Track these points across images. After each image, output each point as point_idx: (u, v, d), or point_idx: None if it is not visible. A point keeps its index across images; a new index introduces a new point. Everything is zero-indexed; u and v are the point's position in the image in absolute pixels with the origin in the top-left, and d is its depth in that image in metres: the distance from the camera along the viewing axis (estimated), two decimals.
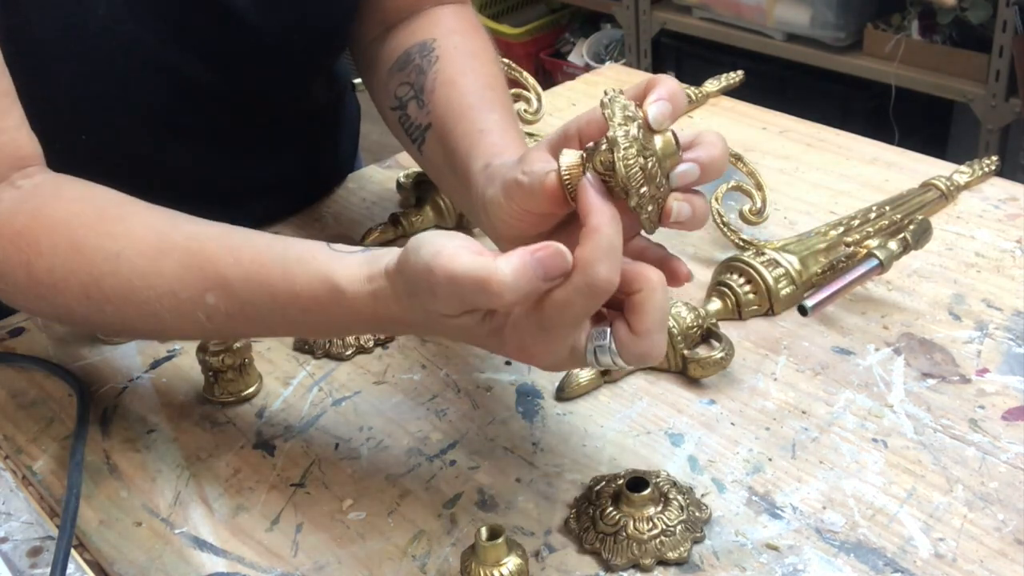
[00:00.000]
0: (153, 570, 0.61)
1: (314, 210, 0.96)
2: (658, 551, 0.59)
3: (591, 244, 0.51)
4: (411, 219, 0.91)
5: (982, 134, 2.22)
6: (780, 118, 1.09)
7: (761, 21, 2.47)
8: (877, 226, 0.83)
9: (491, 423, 0.70)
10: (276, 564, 0.61)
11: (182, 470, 0.68)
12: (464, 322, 0.54)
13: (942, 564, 0.58)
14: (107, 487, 0.67)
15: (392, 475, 0.66)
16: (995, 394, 0.70)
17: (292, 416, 0.72)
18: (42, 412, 0.74)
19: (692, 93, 1.10)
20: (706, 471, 0.65)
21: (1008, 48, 2.11)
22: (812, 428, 0.68)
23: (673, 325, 0.72)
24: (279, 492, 0.66)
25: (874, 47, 2.34)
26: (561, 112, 1.11)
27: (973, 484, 0.63)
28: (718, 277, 0.80)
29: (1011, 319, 0.77)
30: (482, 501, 0.64)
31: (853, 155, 1.00)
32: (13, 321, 0.83)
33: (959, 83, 2.22)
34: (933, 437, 0.67)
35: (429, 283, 0.52)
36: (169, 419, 0.72)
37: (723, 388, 0.72)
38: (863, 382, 0.72)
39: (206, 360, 0.71)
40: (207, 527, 0.63)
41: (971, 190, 0.93)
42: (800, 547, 0.59)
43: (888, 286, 0.81)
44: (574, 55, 3.15)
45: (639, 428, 0.69)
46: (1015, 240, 0.86)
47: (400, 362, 0.76)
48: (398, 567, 0.60)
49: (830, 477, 0.64)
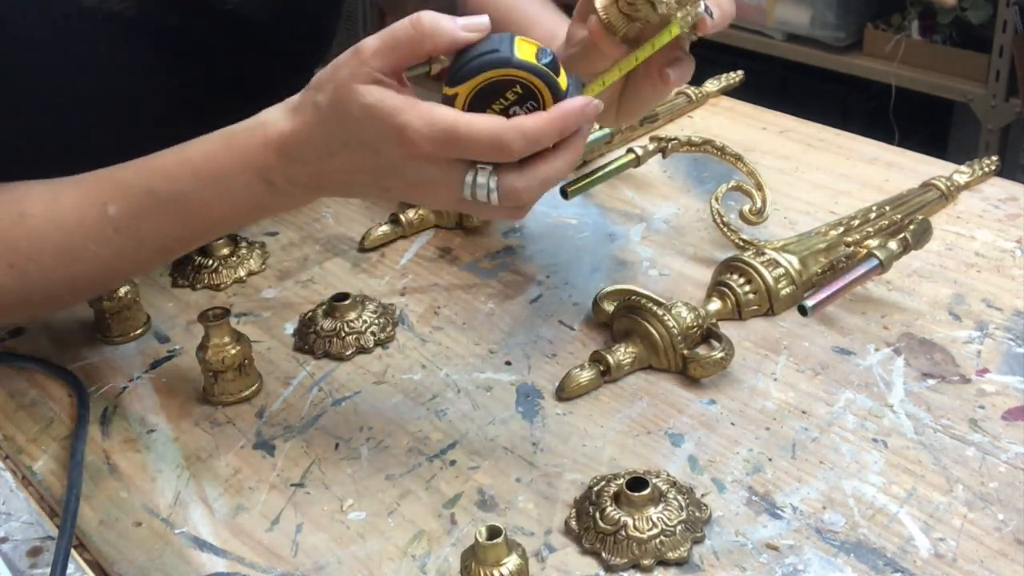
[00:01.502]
0: (153, 570, 0.61)
1: (314, 210, 0.96)
2: (658, 551, 0.59)
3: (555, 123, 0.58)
4: (411, 219, 0.91)
5: (982, 134, 2.22)
6: (780, 118, 1.09)
7: (761, 21, 2.47)
8: (877, 226, 0.83)
9: (491, 423, 0.70)
10: (276, 564, 0.61)
11: (182, 470, 0.68)
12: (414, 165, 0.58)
13: (942, 564, 0.58)
14: (107, 487, 0.67)
15: (392, 475, 0.66)
16: (995, 394, 0.70)
17: (292, 416, 0.72)
18: (42, 412, 0.74)
19: (692, 93, 1.10)
20: (706, 471, 0.65)
21: (1008, 48, 2.11)
22: (812, 428, 0.68)
23: (673, 325, 0.72)
24: (279, 492, 0.66)
25: (874, 47, 2.34)
26: None
27: (973, 484, 0.63)
28: (718, 277, 0.80)
29: (1011, 319, 0.77)
30: (482, 501, 0.64)
31: (853, 155, 1.00)
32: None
33: (959, 83, 2.22)
34: (933, 437, 0.67)
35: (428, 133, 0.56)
36: (169, 419, 0.72)
37: (723, 388, 0.72)
38: (863, 382, 0.72)
39: (206, 360, 0.71)
40: (207, 527, 0.63)
41: (971, 190, 0.93)
42: (800, 547, 0.59)
43: (888, 286, 0.81)
44: None
45: (639, 428, 0.69)
46: (1015, 240, 0.86)
47: (400, 362, 0.76)
48: (398, 567, 0.60)
49: (830, 477, 0.64)
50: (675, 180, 0.99)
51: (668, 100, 1.09)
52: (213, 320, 0.71)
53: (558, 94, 0.58)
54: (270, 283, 0.87)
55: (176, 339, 0.80)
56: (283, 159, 0.61)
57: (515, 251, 0.89)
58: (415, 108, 0.57)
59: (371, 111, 0.57)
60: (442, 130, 0.57)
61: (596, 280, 0.84)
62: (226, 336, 0.71)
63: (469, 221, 0.91)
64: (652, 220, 0.92)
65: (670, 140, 0.89)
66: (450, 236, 0.92)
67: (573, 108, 0.58)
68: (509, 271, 0.86)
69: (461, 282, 0.85)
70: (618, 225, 0.92)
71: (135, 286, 0.80)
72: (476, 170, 0.59)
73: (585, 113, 0.59)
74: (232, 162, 0.62)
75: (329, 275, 0.87)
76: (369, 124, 0.58)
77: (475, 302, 0.83)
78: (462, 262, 0.88)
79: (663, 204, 0.95)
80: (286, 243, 0.92)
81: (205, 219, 0.65)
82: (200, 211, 0.65)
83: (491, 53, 0.57)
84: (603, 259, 0.87)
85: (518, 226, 0.92)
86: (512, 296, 0.83)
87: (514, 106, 0.58)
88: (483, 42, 0.58)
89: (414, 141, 0.57)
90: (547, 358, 0.76)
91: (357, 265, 0.89)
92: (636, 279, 0.84)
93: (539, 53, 0.58)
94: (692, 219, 0.92)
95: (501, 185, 0.59)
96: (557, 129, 0.58)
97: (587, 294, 0.81)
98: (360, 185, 0.62)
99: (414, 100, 0.58)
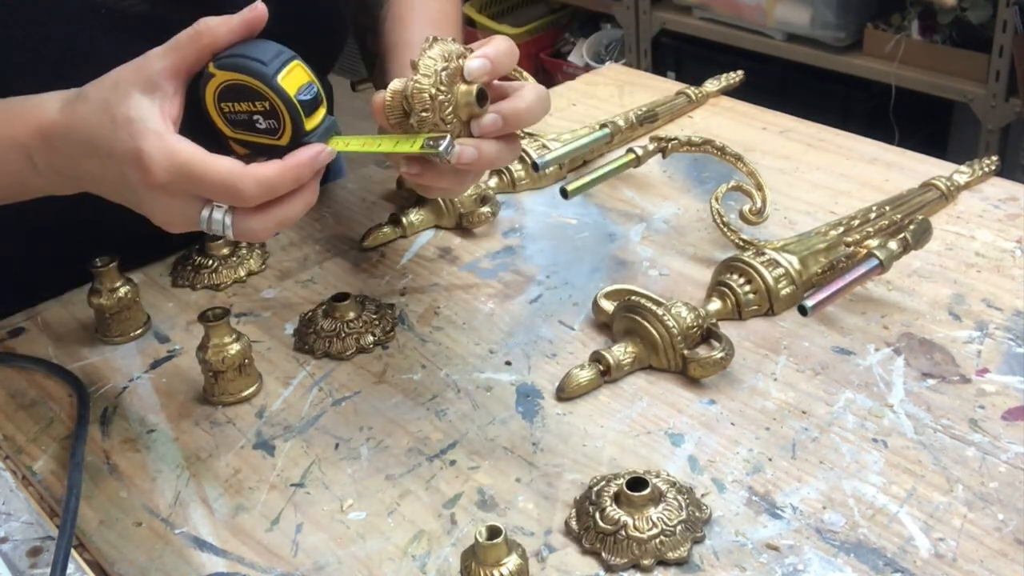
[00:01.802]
0: (153, 570, 0.61)
1: (314, 210, 0.96)
2: (658, 551, 0.59)
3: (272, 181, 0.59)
4: (411, 219, 0.91)
5: (982, 134, 2.22)
6: (780, 118, 1.09)
7: (761, 21, 2.47)
8: (877, 226, 0.83)
9: (491, 423, 0.70)
10: (276, 564, 0.61)
11: (182, 470, 0.68)
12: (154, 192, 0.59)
13: (942, 564, 0.58)
14: (107, 487, 0.67)
15: (392, 475, 0.66)
16: (995, 394, 0.70)
17: (292, 416, 0.72)
18: (42, 412, 0.74)
19: (692, 93, 1.10)
20: (706, 471, 0.65)
21: (1008, 48, 2.11)
22: (812, 428, 0.68)
23: (673, 325, 0.72)
24: (279, 492, 0.66)
25: (874, 47, 2.34)
26: (561, 112, 1.11)
27: (973, 484, 0.63)
28: (718, 277, 0.80)
29: (1011, 319, 0.77)
30: (482, 501, 0.64)
31: (853, 155, 1.00)
32: (13, 321, 0.83)
33: (959, 83, 2.22)
34: (933, 437, 0.67)
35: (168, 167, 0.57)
36: (169, 419, 0.72)
37: (723, 388, 0.72)
38: (863, 382, 0.72)
39: (206, 360, 0.71)
40: (207, 527, 0.63)
41: (971, 190, 0.93)
42: (800, 547, 0.59)
43: (888, 286, 0.81)
44: (574, 55, 3.15)
45: (639, 428, 0.69)
46: (1015, 240, 0.86)
47: (400, 362, 0.76)
48: (398, 567, 0.60)
49: (830, 477, 0.64)
50: (675, 180, 0.99)
51: (668, 100, 1.09)
52: (213, 320, 0.71)
53: (299, 131, 0.60)
54: (270, 283, 0.87)
55: (176, 339, 0.80)
56: (44, 145, 0.62)
57: (515, 251, 0.89)
58: (161, 139, 0.58)
59: (128, 126, 0.58)
60: (179, 166, 0.57)
61: (596, 280, 0.84)
62: (226, 336, 0.71)
63: (469, 221, 0.91)
64: (652, 220, 0.92)
65: (670, 140, 0.89)
66: (450, 236, 0.92)
67: (305, 159, 0.59)
68: (509, 271, 0.86)
69: (461, 282, 0.85)
70: (618, 225, 0.92)
71: (135, 286, 0.80)
72: (212, 207, 0.59)
73: (317, 161, 0.60)
74: (4, 129, 0.63)
75: (329, 275, 0.87)
76: (120, 139, 0.58)
77: (475, 302, 0.83)
78: (462, 262, 0.88)
79: (663, 204, 0.95)
80: (286, 243, 0.92)
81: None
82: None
83: (257, 61, 0.59)
84: (603, 259, 0.87)
85: (518, 226, 0.92)
86: (512, 296, 0.83)
87: (258, 116, 0.60)
88: (267, 47, 0.60)
89: (152, 171, 0.57)
90: (547, 358, 0.76)
91: (357, 265, 0.89)
92: (636, 279, 0.84)
93: (305, 87, 0.60)
94: (692, 219, 0.92)
95: (236, 224, 0.59)
96: (291, 179, 0.59)
97: (587, 294, 0.81)
98: (111, 194, 0.63)
99: (166, 130, 0.58)
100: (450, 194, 0.70)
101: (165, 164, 0.57)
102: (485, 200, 0.91)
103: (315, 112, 0.61)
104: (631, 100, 1.12)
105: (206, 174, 0.57)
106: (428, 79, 0.61)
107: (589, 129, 0.97)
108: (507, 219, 0.93)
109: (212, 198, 0.59)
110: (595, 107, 1.12)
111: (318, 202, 0.98)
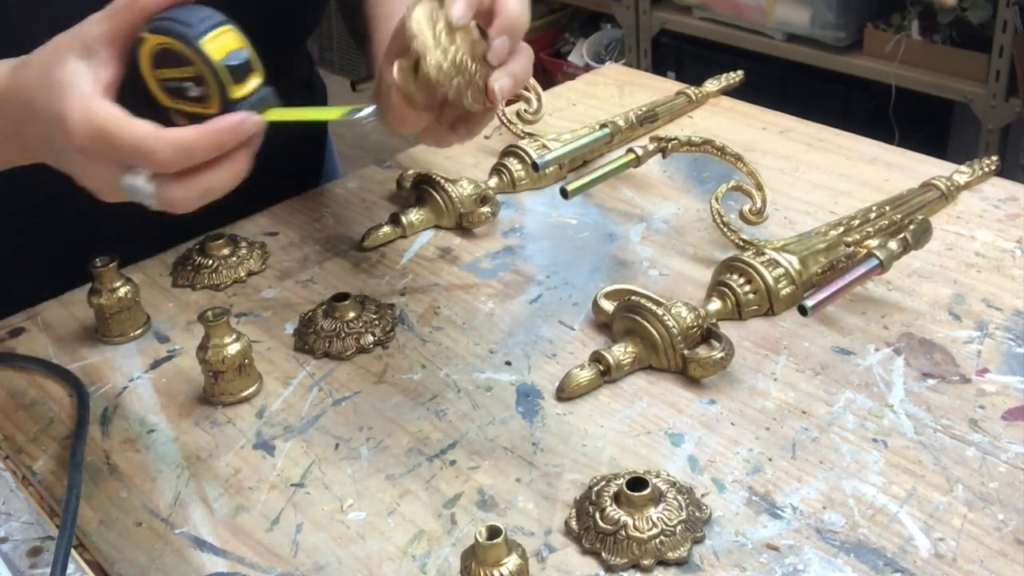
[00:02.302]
0: (153, 570, 0.61)
1: (314, 210, 0.97)
2: (658, 551, 0.59)
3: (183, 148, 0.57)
4: (411, 219, 0.91)
5: (982, 134, 2.22)
6: (780, 118, 1.09)
7: (761, 21, 2.47)
8: (877, 226, 0.83)
9: (491, 423, 0.70)
10: (276, 564, 0.61)
11: (182, 470, 0.68)
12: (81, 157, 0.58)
13: (942, 564, 0.58)
14: (107, 487, 0.67)
15: (392, 475, 0.66)
16: (995, 394, 0.70)
17: (292, 416, 0.72)
18: (42, 412, 0.74)
19: (692, 93, 1.10)
20: (706, 471, 0.65)
21: (1008, 48, 2.11)
22: (812, 428, 0.68)
23: (673, 325, 0.72)
24: (279, 492, 0.66)
25: (874, 47, 2.34)
26: (561, 112, 1.11)
27: (973, 484, 0.63)
28: (718, 277, 0.80)
29: (1011, 319, 0.77)
30: (482, 501, 0.64)
31: (853, 155, 1.00)
32: (13, 321, 0.83)
33: (959, 83, 2.22)
34: (933, 437, 0.67)
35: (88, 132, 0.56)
36: (169, 419, 0.72)
37: (723, 388, 0.72)
38: (863, 382, 0.72)
39: (206, 360, 0.71)
40: (207, 527, 0.63)
41: (971, 190, 0.93)
42: (800, 547, 0.59)
43: (888, 286, 0.81)
44: (574, 55, 3.15)
45: (639, 428, 0.69)
46: (1015, 240, 0.86)
47: (400, 362, 0.76)
48: (398, 567, 0.60)
49: (830, 477, 0.64)
50: (675, 180, 0.99)
51: (668, 100, 1.09)
52: (213, 320, 0.71)
53: (226, 99, 0.58)
54: (270, 283, 0.87)
55: (176, 339, 0.80)
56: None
57: (515, 251, 0.89)
58: (84, 101, 0.56)
59: (59, 89, 0.57)
60: (97, 128, 0.56)
61: (596, 280, 0.84)
62: (226, 336, 0.71)
63: (469, 221, 0.91)
64: (652, 220, 0.92)
65: (670, 140, 0.89)
66: (450, 236, 0.92)
67: (226, 124, 0.57)
68: (509, 271, 0.86)
69: (461, 282, 0.85)
70: (618, 225, 0.92)
71: (135, 286, 0.80)
72: (134, 173, 0.58)
73: (241, 130, 0.57)
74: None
75: (329, 275, 0.87)
76: (50, 102, 0.57)
77: (475, 302, 0.83)
78: (462, 262, 0.88)
79: (663, 204, 0.95)
80: (286, 243, 0.92)
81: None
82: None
83: (182, 24, 0.57)
84: (603, 259, 0.87)
85: (518, 226, 0.92)
86: (512, 296, 0.83)
87: (189, 83, 0.58)
88: (198, 11, 0.58)
89: (72, 133, 0.56)
90: (547, 358, 0.76)
91: (357, 265, 0.89)
92: (636, 279, 0.84)
93: (234, 53, 0.58)
94: (692, 219, 0.92)
95: (159, 192, 0.58)
96: (210, 144, 0.57)
97: (587, 294, 0.81)
98: (53, 161, 0.61)
99: (92, 93, 0.57)
100: (480, 126, 0.68)
101: (84, 126, 0.56)
102: (485, 200, 0.91)
103: (245, 79, 0.58)
104: (631, 100, 1.12)
105: (120, 136, 0.56)
106: (435, 52, 0.60)
107: (589, 129, 0.97)
108: (507, 219, 0.93)
109: (128, 162, 0.57)
110: (595, 107, 1.12)
111: (318, 202, 0.99)
